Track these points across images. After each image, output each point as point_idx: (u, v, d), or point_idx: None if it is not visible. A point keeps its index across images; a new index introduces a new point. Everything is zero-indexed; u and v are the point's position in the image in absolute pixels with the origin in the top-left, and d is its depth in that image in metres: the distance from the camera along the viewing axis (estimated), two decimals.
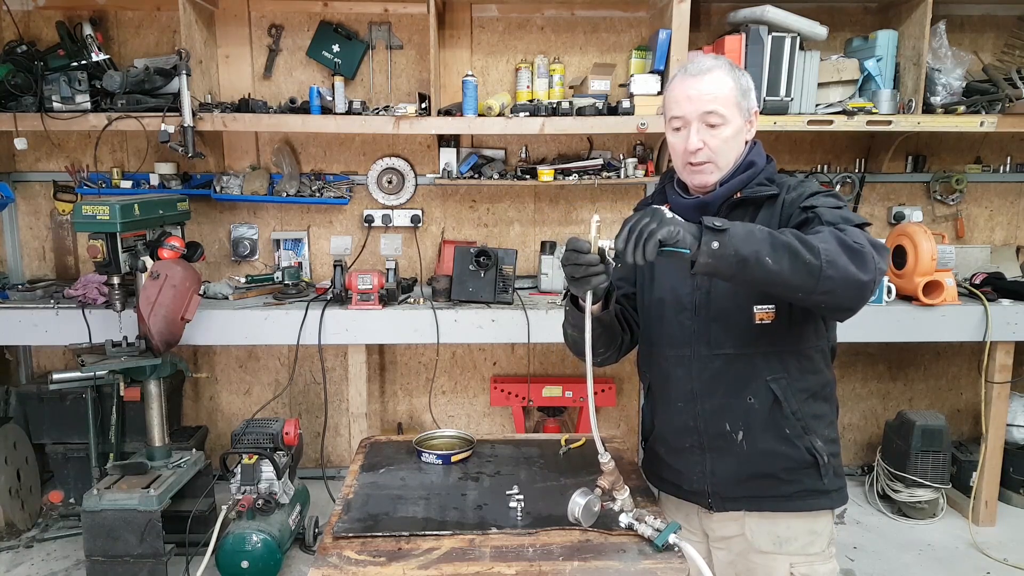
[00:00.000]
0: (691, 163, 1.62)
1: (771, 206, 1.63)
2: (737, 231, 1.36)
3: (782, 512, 1.67)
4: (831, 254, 1.37)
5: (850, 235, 1.42)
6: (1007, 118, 3.28)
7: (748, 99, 1.64)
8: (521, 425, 3.83)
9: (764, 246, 1.35)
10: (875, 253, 1.41)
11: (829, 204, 1.55)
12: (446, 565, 1.45)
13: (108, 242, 2.79)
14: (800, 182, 1.66)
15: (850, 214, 1.53)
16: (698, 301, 1.66)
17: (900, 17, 3.43)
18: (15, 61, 3.32)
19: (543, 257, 3.60)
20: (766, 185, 1.63)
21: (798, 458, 1.63)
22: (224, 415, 3.98)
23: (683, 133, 1.63)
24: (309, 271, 3.84)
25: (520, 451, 2.02)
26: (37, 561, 3.12)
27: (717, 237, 1.34)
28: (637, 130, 3.33)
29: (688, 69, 1.63)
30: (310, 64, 3.67)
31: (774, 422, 1.63)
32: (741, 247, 1.34)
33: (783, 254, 1.35)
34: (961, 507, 3.58)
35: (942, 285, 3.27)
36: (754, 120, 1.67)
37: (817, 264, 1.35)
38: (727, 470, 1.68)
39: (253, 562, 2.78)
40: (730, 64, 1.64)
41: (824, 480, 1.65)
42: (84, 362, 2.89)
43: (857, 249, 1.39)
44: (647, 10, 3.62)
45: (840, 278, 1.37)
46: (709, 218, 1.37)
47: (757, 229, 1.38)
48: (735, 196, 1.63)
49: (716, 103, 1.59)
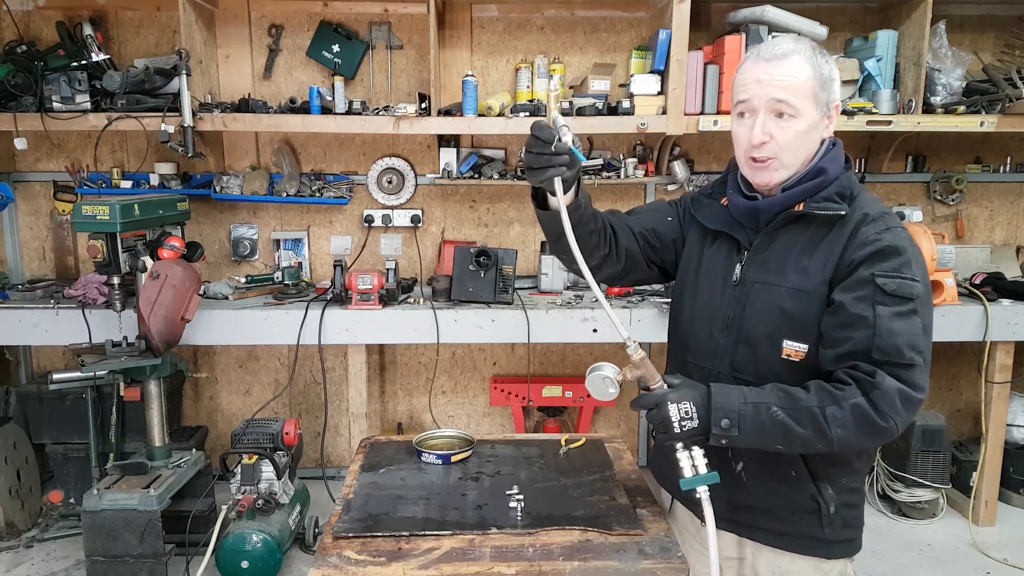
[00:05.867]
0: (754, 157, 1.45)
1: (840, 229, 1.43)
2: (747, 430, 1.36)
3: (779, 548, 1.56)
4: (844, 440, 1.35)
5: (882, 400, 1.31)
6: (1007, 118, 3.28)
7: (828, 91, 1.44)
8: (521, 425, 3.83)
9: (775, 440, 1.38)
10: (900, 420, 1.33)
11: (889, 312, 1.34)
12: (446, 565, 1.45)
13: (108, 242, 2.79)
14: (883, 215, 1.43)
15: (906, 343, 1.33)
16: (731, 315, 1.52)
17: (900, 17, 3.43)
18: (15, 61, 3.32)
19: (543, 257, 3.60)
20: (835, 202, 1.43)
21: (799, 501, 1.51)
22: (224, 415, 3.98)
23: (747, 121, 1.44)
24: (309, 271, 3.84)
25: (520, 451, 2.02)
26: (37, 561, 3.12)
27: (725, 438, 1.37)
28: (637, 130, 3.33)
29: (762, 51, 1.44)
30: (310, 64, 3.67)
31: (779, 462, 1.49)
32: (750, 442, 1.38)
33: (794, 444, 1.38)
34: (961, 507, 3.58)
35: (942, 285, 3.27)
36: (834, 115, 1.48)
37: (829, 449, 1.38)
38: (723, 493, 1.52)
39: (253, 562, 2.78)
40: (812, 48, 1.44)
41: (824, 530, 1.51)
42: (84, 362, 2.88)
43: (879, 428, 1.33)
44: (647, 10, 3.62)
45: (853, 450, 1.46)
46: (719, 417, 1.36)
47: (769, 421, 1.35)
48: (795, 208, 1.45)
49: (789, 91, 1.40)
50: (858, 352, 1.34)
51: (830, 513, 1.50)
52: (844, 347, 1.36)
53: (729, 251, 1.57)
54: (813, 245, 1.45)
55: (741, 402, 1.37)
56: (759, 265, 1.50)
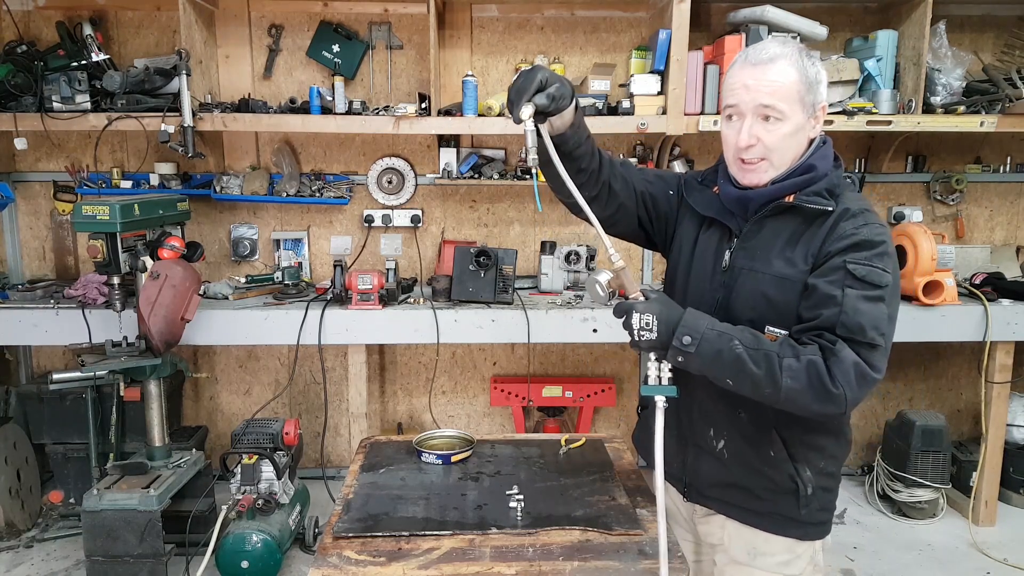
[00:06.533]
0: (742, 159, 1.51)
1: (822, 224, 1.48)
2: (704, 352, 1.39)
3: (756, 527, 1.60)
4: (792, 393, 1.38)
5: (838, 368, 1.36)
6: (1007, 118, 3.28)
7: (814, 93, 1.48)
8: (521, 425, 3.84)
9: (727, 371, 1.40)
10: (851, 393, 1.37)
11: (857, 293, 1.40)
12: (446, 565, 1.45)
13: (108, 242, 2.79)
14: (862, 211, 1.48)
15: (869, 323, 1.38)
16: (719, 300, 1.57)
17: (900, 17, 3.43)
18: (15, 61, 3.32)
19: (543, 257, 3.60)
20: (823, 197, 1.48)
21: (778, 481, 1.55)
22: (224, 415, 3.98)
23: (735, 124, 1.50)
24: (309, 271, 3.84)
25: (520, 451, 2.02)
26: (37, 561, 3.12)
27: (682, 355, 1.40)
28: (637, 130, 3.33)
29: (749, 55, 1.49)
30: (310, 64, 3.67)
31: (759, 441, 1.55)
32: (704, 366, 1.41)
33: (744, 382, 1.40)
34: (961, 507, 3.58)
35: (942, 285, 3.26)
36: (820, 116, 1.51)
37: (775, 397, 1.40)
38: (704, 470, 1.64)
39: (253, 562, 2.78)
40: (799, 52, 1.48)
41: (802, 511, 1.56)
42: (84, 362, 2.88)
43: (828, 393, 1.36)
44: (647, 10, 3.62)
45: (798, 408, 1.42)
46: (682, 333, 1.39)
47: (727, 350, 1.39)
48: (785, 199, 1.50)
49: (775, 96, 1.44)
50: (824, 327, 1.40)
51: (807, 494, 1.55)
52: (813, 322, 1.42)
53: (720, 238, 1.62)
54: (797, 236, 1.50)
55: (708, 327, 1.41)
56: (747, 252, 1.55)
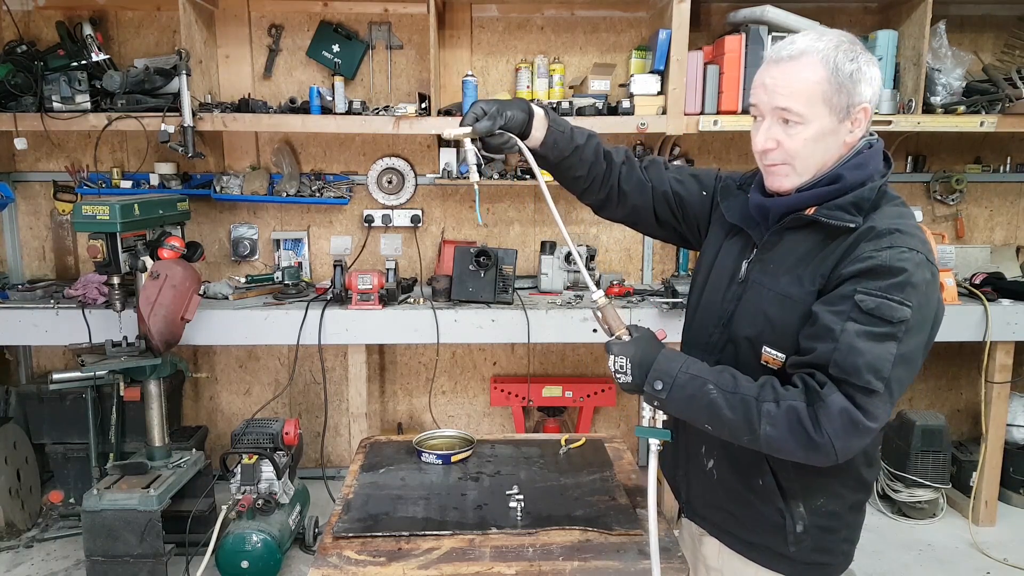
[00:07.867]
0: (765, 162, 1.41)
1: (842, 241, 1.34)
2: (676, 398, 1.32)
3: (746, 557, 1.50)
4: (773, 440, 1.27)
5: (824, 414, 1.23)
6: (1007, 118, 3.28)
7: (847, 93, 1.31)
8: (521, 425, 3.84)
9: (702, 417, 1.33)
10: (838, 443, 1.24)
11: (859, 329, 1.24)
12: (446, 565, 1.45)
13: (108, 242, 2.79)
14: (891, 232, 1.30)
15: (867, 365, 1.22)
16: (728, 313, 1.47)
17: (900, 17, 3.43)
18: (15, 61, 3.31)
19: (543, 257, 3.60)
20: (849, 213, 1.33)
21: (763, 513, 1.44)
22: (224, 415, 3.98)
23: (758, 125, 1.39)
24: (309, 271, 3.84)
25: (520, 451, 2.02)
26: (37, 561, 3.12)
27: (655, 399, 1.35)
28: (637, 130, 3.33)
29: (774, 50, 1.36)
30: (310, 64, 3.67)
31: (748, 467, 1.44)
32: (679, 410, 1.36)
33: (722, 428, 1.32)
34: (961, 507, 3.58)
35: (942, 285, 3.26)
36: (861, 119, 1.35)
37: (756, 444, 1.30)
38: (697, 487, 1.57)
39: (253, 562, 2.78)
40: (836, 46, 1.31)
41: (790, 548, 1.43)
42: (84, 362, 2.88)
43: (811, 441, 1.24)
44: (647, 10, 3.62)
45: (785, 455, 1.31)
46: (653, 378, 1.33)
47: (700, 395, 1.30)
48: (805, 212, 1.37)
49: (792, 98, 1.31)
50: (818, 364, 1.27)
51: (796, 532, 1.42)
52: (807, 357, 1.30)
53: (742, 247, 1.51)
54: (814, 254, 1.37)
55: (681, 369, 1.33)
56: (762, 265, 1.44)
